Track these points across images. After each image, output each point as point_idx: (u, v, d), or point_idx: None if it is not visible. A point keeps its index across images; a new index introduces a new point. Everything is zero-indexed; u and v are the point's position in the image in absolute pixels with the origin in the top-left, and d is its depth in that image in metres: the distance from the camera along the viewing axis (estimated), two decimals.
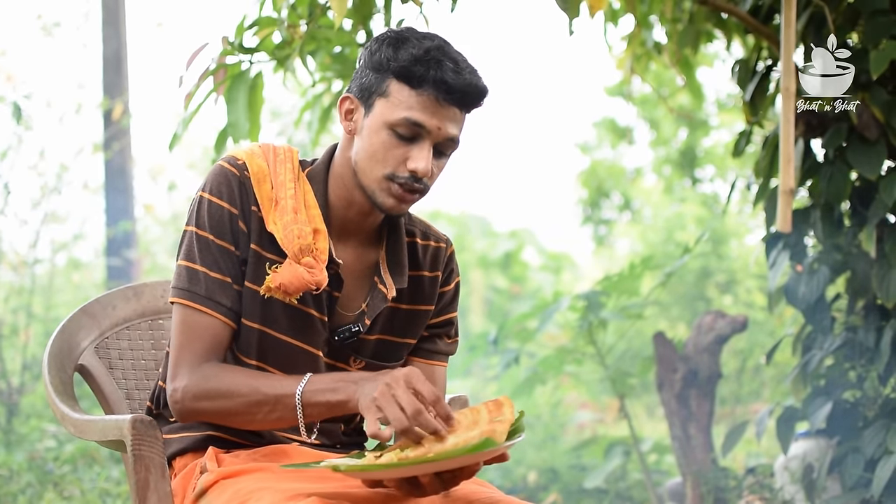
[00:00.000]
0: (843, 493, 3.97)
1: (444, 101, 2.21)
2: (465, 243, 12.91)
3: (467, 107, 2.26)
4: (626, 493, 5.82)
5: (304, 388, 2.18)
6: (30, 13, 7.60)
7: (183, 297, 2.27)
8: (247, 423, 2.25)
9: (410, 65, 2.20)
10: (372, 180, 2.26)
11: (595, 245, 14.03)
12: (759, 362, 7.81)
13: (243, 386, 2.22)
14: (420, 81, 2.20)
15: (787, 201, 3.78)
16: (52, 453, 5.49)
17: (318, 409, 2.17)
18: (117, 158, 8.22)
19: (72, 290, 8.29)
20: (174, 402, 2.25)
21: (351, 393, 2.14)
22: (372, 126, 2.25)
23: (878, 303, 3.97)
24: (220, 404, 2.23)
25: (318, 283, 2.28)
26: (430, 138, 2.23)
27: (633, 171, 13.64)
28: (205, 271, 2.26)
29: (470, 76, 2.23)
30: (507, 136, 21.76)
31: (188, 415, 2.27)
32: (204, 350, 2.26)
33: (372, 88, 2.26)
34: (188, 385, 2.24)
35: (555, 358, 5.66)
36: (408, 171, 2.23)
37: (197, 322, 2.26)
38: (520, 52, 23.60)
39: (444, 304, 2.51)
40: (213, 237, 2.27)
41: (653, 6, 4.57)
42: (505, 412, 2.13)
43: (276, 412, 2.20)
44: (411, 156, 2.23)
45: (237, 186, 2.30)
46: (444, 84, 2.20)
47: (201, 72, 3.57)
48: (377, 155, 2.24)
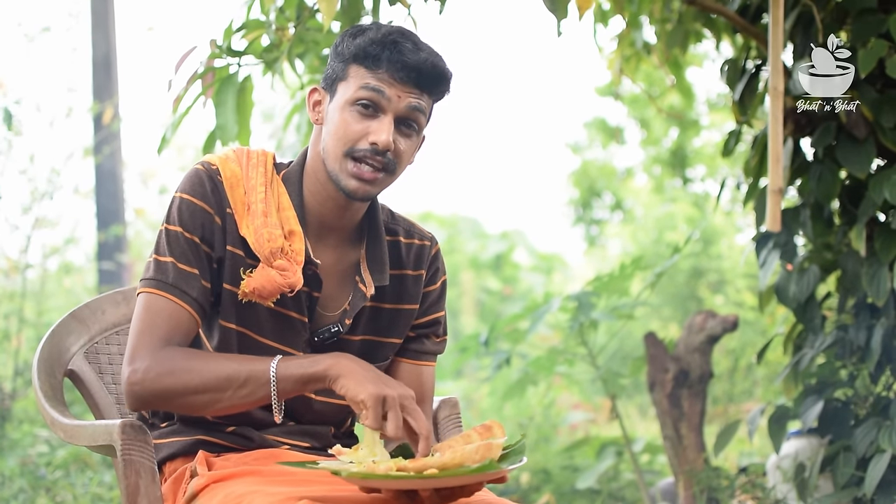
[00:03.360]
0: (835, 492, 3.97)
1: (401, 79, 2.22)
2: (457, 245, 12.92)
3: (427, 87, 2.26)
4: (619, 494, 5.82)
5: (279, 361, 2.17)
6: (18, 17, 7.58)
7: (149, 286, 2.27)
8: (212, 402, 2.19)
9: (367, 46, 2.23)
10: (334, 161, 2.27)
11: (586, 245, 14.04)
12: (750, 362, 7.81)
13: (211, 363, 2.20)
14: (375, 60, 2.22)
15: (775, 200, 3.78)
16: (44, 458, 5.48)
17: (291, 382, 2.15)
18: (108, 162, 8.20)
19: (63, 294, 8.28)
20: (132, 383, 2.20)
21: (328, 366, 2.14)
22: (334, 109, 2.27)
23: (869, 301, 3.98)
24: (185, 381, 2.18)
25: (292, 285, 2.28)
26: (391, 109, 2.24)
27: (624, 171, 13.66)
28: (173, 262, 2.26)
29: (428, 56, 2.24)
30: (497, 137, 21.76)
31: (148, 397, 2.20)
32: (166, 333, 2.23)
33: (334, 76, 2.28)
34: (150, 364, 2.19)
35: (546, 359, 5.65)
36: (368, 144, 2.24)
37: (161, 308, 2.25)
38: (510, 53, 23.63)
39: (429, 303, 2.51)
40: (182, 231, 2.28)
41: (642, 7, 4.57)
42: (496, 433, 2.16)
43: (247, 387, 2.17)
44: (371, 129, 2.24)
45: (211, 189, 2.30)
46: (399, 62, 2.21)
47: (190, 75, 3.56)
48: (339, 132, 2.25)
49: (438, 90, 2.30)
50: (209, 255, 2.28)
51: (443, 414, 2.67)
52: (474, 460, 2.03)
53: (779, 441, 4.14)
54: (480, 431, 2.17)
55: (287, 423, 2.40)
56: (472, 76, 13.85)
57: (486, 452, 2.05)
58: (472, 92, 6.67)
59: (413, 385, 2.49)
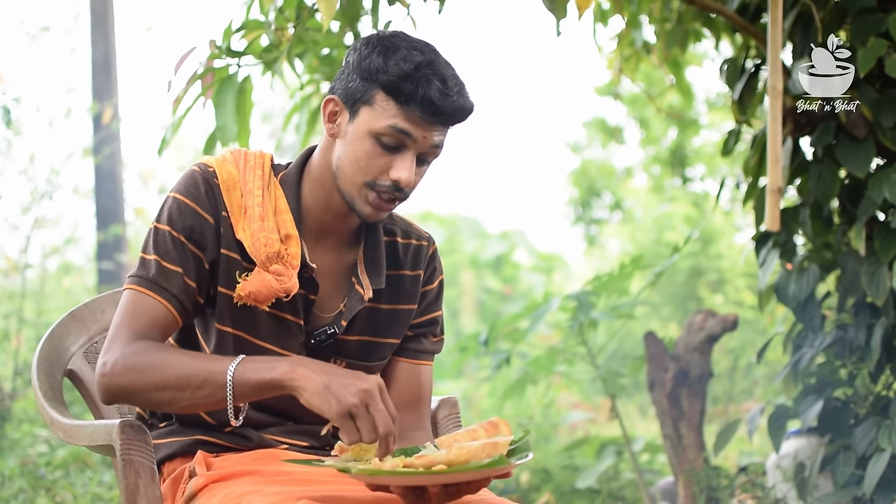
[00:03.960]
0: (834, 491, 3.97)
1: (429, 122, 2.20)
2: (457, 245, 12.92)
3: (451, 124, 2.26)
4: (619, 493, 5.82)
5: (238, 364, 2.13)
6: (18, 17, 7.58)
7: (131, 283, 2.26)
8: (174, 400, 2.16)
9: (399, 80, 2.18)
10: (352, 186, 2.25)
11: (586, 245, 14.04)
12: (750, 361, 7.82)
13: (174, 360, 2.17)
14: (407, 99, 2.18)
15: (774, 200, 3.79)
16: (44, 458, 5.48)
17: (249, 387, 2.12)
18: (107, 162, 8.21)
19: (63, 294, 8.28)
20: (101, 375, 2.19)
21: (283, 372, 2.09)
22: (356, 133, 2.23)
23: (869, 300, 3.98)
24: (148, 377, 2.16)
25: (288, 290, 2.28)
26: (415, 148, 2.22)
27: (624, 171, 13.66)
28: (157, 259, 2.26)
29: (457, 97, 2.21)
30: (497, 138, 21.78)
31: (115, 390, 2.19)
32: (141, 328, 2.22)
33: (357, 95, 2.24)
34: (118, 358, 2.18)
35: (546, 358, 5.65)
36: (390, 181, 2.23)
37: (139, 303, 2.24)
38: (509, 52, 23.64)
39: (427, 302, 2.51)
40: (170, 230, 2.27)
41: (641, 6, 4.57)
42: (502, 430, 2.16)
43: (205, 389, 2.13)
44: (394, 165, 2.22)
45: (206, 191, 2.29)
46: (430, 105, 2.18)
47: (189, 76, 3.56)
48: (360, 162, 2.23)
49: (462, 122, 2.29)
50: (197, 255, 2.27)
51: (442, 413, 2.67)
52: (480, 458, 2.03)
53: (778, 440, 4.14)
54: (487, 428, 2.18)
55: (286, 422, 2.40)
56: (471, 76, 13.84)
57: (493, 451, 2.06)
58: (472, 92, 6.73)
59: (411, 384, 2.49)
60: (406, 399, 2.49)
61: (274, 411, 2.39)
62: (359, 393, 2.05)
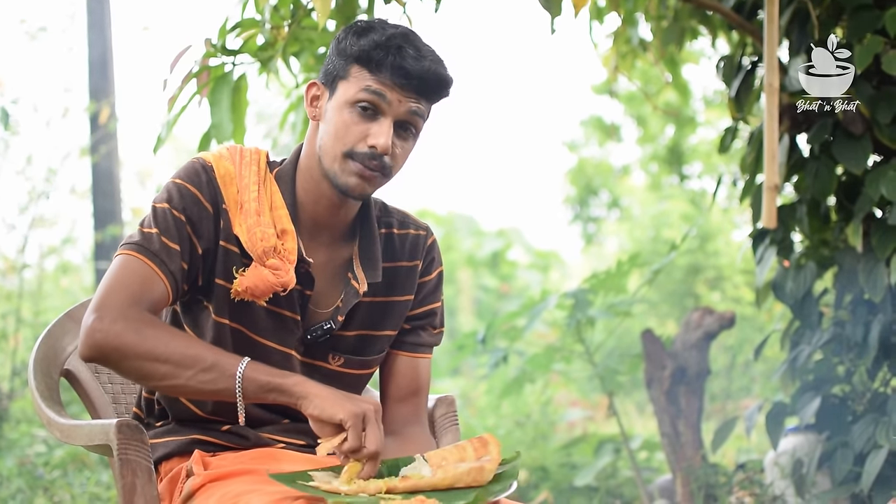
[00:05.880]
0: (832, 488, 3.97)
1: (402, 86, 2.22)
2: (453, 243, 12.93)
3: (427, 94, 2.27)
4: (617, 491, 5.82)
5: (249, 362, 2.14)
6: (15, 17, 7.58)
7: (131, 250, 2.24)
8: (170, 376, 2.14)
9: (371, 49, 2.22)
10: (333, 160, 2.26)
11: (583, 243, 14.05)
12: (747, 358, 7.82)
13: (182, 337, 2.18)
14: (378, 65, 2.22)
15: (771, 197, 3.79)
16: (42, 458, 5.48)
17: (256, 385, 2.13)
18: (104, 162, 8.19)
19: (60, 294, 8.28)
20: (95, 329, 2.14)
21: (295, 382, 2.13)
22: (334, 107, 2.27)
23: (866, 297, 3.98)
24: (149, 345, 2.13)
25: (285, 284, 2.28)
26: (391, 113, 2.24)
27: (621, 169, 13.67)
28: (157, 233, 2.25)
29: (430, 63, 2.24)
30: (494, 135, 21.79)
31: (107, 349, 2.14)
32: (139, 296, 2.19)
33: (335, 73, 2.28)
34: (116, 317, 2.14)
35: (543, 356, 5.65)
36: (367, 147, 2.24)
37: (137, 270, 2.22)
38: (505, 51, 23.64)
39: (425, 293, 2.51)
40: (171, 208, 2.27)
41: (637, 4, 4.57)
42: (491, 451, 2.16)
43: (211, 373, 2.13)
44: (371, 132, 2.24)
45: (206, 181, 2.30)
46: (401, 69, 2.21)
47: (185, 74, 3.56)
48: (338, 133, 2.25)
49: (438, 96, 2.30)
50: (192, 239, 2.27)
51: (439, 412, 2.66)
52: (465, 482, 2.04)
53: (776, 437, 4.13)
54: (476, 447, 2.18)
55: (282, 421, 2.40)
56: (468, 74, 13.83)
57: (478, 475, 2.08)
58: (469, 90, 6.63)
59: (409, 378, 2.50)
60: (404, 392, 2.50)
61: (271, 408, 2.38)
62: (362, 405, 2.10)
